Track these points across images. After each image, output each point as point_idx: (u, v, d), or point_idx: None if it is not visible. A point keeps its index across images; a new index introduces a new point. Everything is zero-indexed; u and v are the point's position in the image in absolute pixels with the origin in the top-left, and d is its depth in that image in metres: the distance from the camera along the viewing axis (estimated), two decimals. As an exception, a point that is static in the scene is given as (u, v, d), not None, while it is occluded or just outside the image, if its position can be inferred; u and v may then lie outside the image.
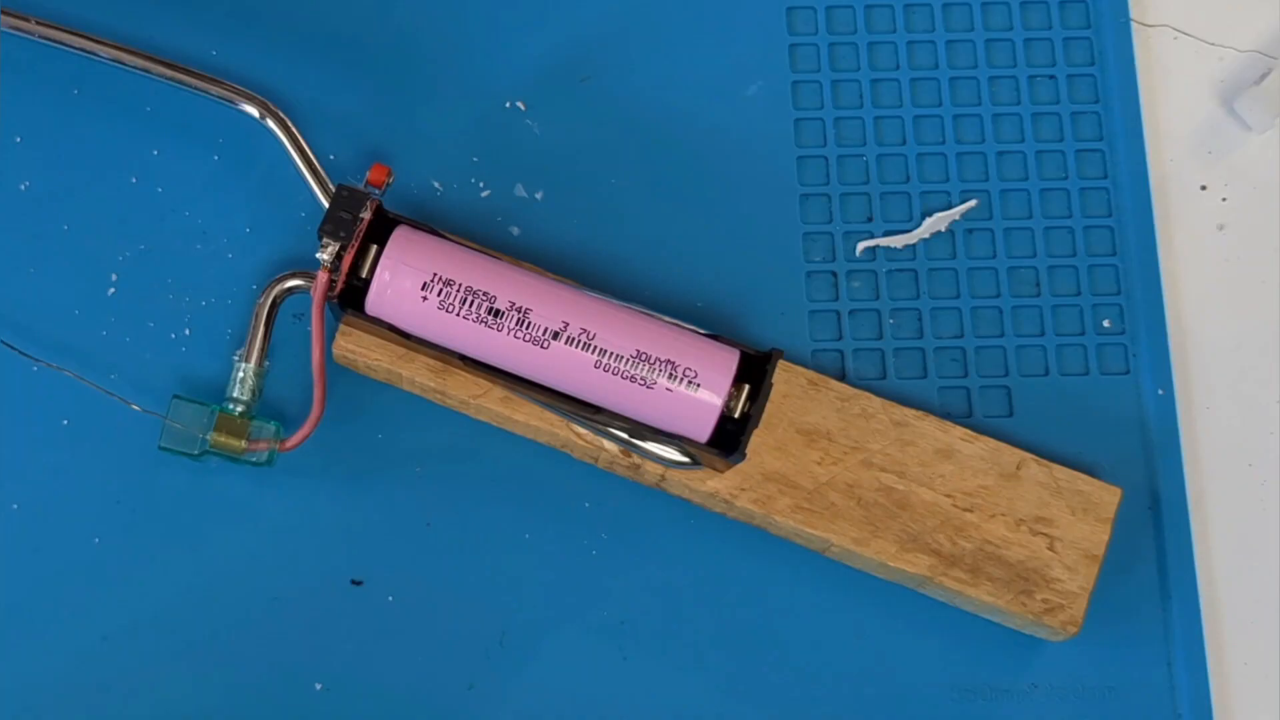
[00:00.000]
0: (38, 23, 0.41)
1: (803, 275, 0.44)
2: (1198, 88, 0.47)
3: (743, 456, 0.38)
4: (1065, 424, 0.43)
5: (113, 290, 0.42)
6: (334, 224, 0.38)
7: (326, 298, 0.38)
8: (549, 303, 0.38)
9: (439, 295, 0.37)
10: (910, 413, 0.41)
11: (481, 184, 0.44)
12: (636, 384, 0.37)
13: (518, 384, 0.39)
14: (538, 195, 0.44)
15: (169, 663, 0.40)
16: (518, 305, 0.37)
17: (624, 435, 0.39)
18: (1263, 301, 0.45)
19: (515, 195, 0.44)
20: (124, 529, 0.41)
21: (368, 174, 0.39)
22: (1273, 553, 0.44)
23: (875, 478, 0.41)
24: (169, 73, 0.42)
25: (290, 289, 0.41)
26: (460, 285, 0.37)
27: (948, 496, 0.41)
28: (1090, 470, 0.42)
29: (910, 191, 0.45)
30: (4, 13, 0.41)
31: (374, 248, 0.38)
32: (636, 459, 0.40)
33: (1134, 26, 0.46)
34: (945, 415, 0.42)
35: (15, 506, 0.40)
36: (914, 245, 0.45)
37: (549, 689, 0.41)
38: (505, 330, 0.37)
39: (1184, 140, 0.46)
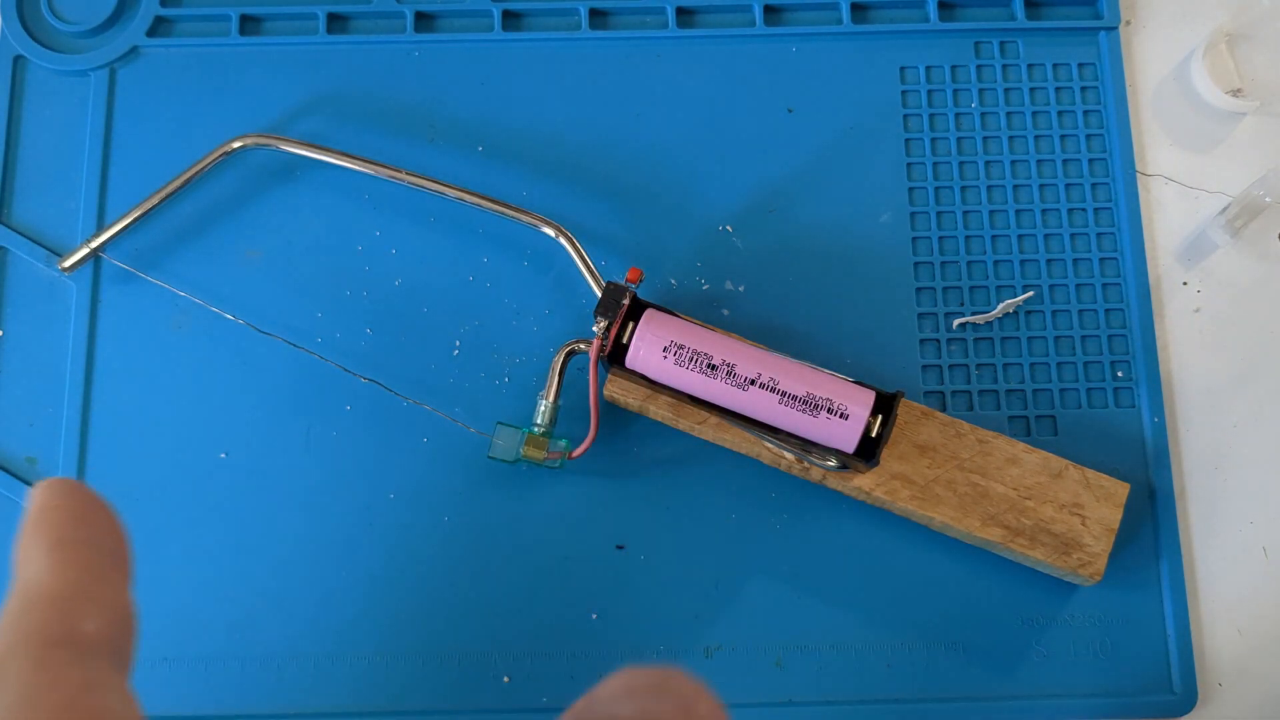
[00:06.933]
0: (407, 174, 0.49)
1: (916, 341, 0.50)
2: (1180, 216, 0.53)
3: (877, 463, 0.43)
4: (1093, 441, 0.49)
5: (456, 351, 0.50)
6: (604, 308, 0.45)
7: (599, 357, 0.45)
8: (748, 360, 0.44)
9: (674, 355, 0.44)
10: (989, 434, 0.46)
11: (702, 280, 0.51)
12: (806, 414, 0.43)
13: (727, 415, 0.45)
14: (740, 288, 0.51)
15: (492, 598, 0.47)
16: (727, 362, 0.44)
17: (797, 448, 0.45)
18: (1223, 360, 0.51)
19: (725, 288, 0.51)
20: (464, 511, 0.48)
21: (626, 274, 0.46)
22: (1230, 528, 0.49)
23: (965, 477, 0.46)
24: (494, 206, 0.49)
25: (575, 351, 0.47)
26: (689, 348, 0.44)
27: (1014, 490, 0.46)
28: (1109, 471, 0.48)
29: (989, 285, 0.51)
30: (384, 165, 0.49)
31: (631, 324, 0.44)
32: (805, 464, 0.46)
33: (1138, 175, 0.53)
34: (1013, 435, 0.48)
35: (392, 496, 0.48)
36: (992, 321, 0.50)
37: (747, 618, 0.47)
38: (719, 379, 0.44)
39: (1171, 251, 0.52)
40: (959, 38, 0.54)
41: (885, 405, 0.43)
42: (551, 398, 0.47)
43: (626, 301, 0.45)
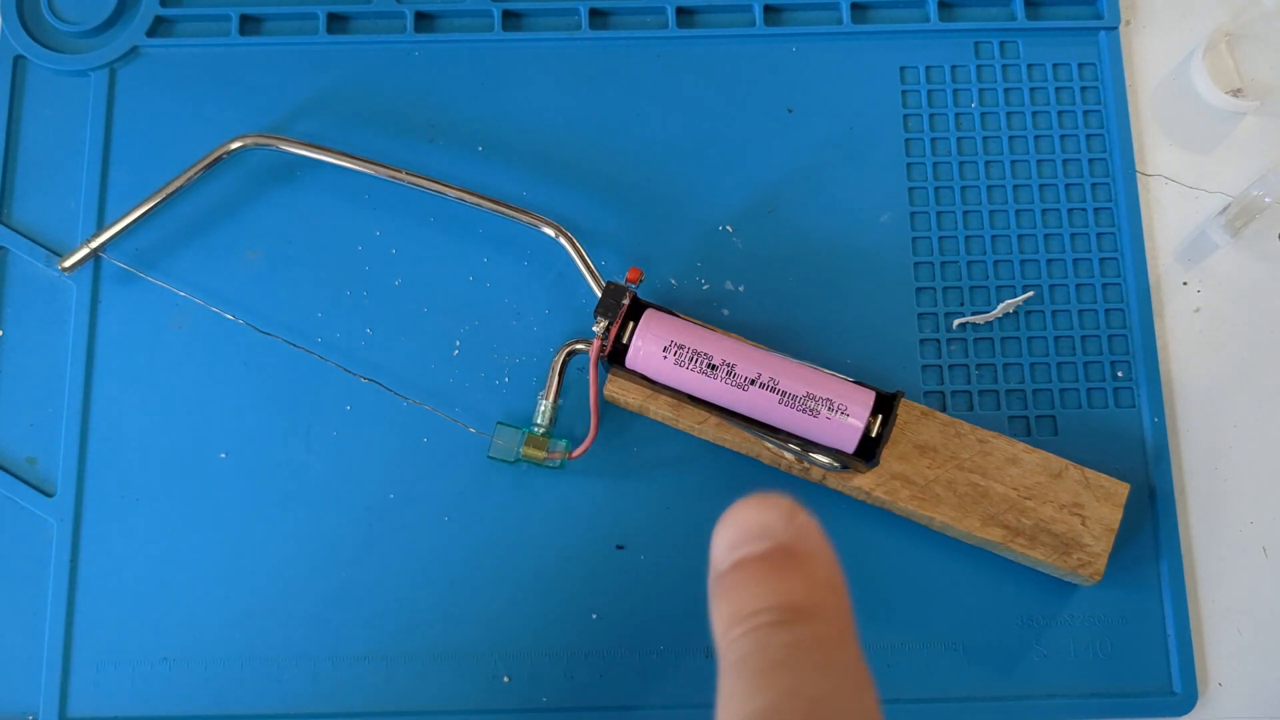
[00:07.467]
0: (407, 174, 0.49)
1: (917, 341, 0.50)
2: (1180, 216, 0.53)
3: (877, 463, 0.44)
4: (1093, 441, 0.49)
5: (456, 351, 0.50)
6: (604, 308, 0.45)
7: (599, 357, 0.45)
8: (748, 360, 0.44)
9: (674, 355, 0.44)
10: (989, 434, 0.46)
11: (702, 280, 0.51)
12: (806, 414, 0.43)
13: (727, 415, 0.45)
14: (740, 288, 0.51)
15: (494, 596, 0.48)
16: (727, 362, 0.44)
17: (797, 448, 0.45)
18: (1223, 360, 0.51)
19: (725, 288, 0.51)
20: (464, 511, 0.49)
21: (626, 274, 0.46)
22: (1230, 528, 0.50)
23: (965, 477, 0.46)
24: (494, 206, 0.49)
25: (575, 351, 0.48)
26: (689, 348, 0.44)
27: (1014, 490, 0.46)
28: (1109, 471, 0.48)
29: (989, 285, 0.51)
30: (384, 165, 0.49)
31: (631, 324, 0.44)
32: (805, 464, 0.47)
33: (1138, 175, 0.53)
34: (1013, 435, 0.48)
35: (391, 496, 0.49)
36: (992, 321, 0.51)
37: (747, 617, 0.50)
38: (719, 379, 0.44)
39: (1171, 251, 0.52)
40: (959, 38, 0.54)
41: (885, 405, 0.44)
42: (551, 398, 0.48)
43: (626, 301, 0.45)
